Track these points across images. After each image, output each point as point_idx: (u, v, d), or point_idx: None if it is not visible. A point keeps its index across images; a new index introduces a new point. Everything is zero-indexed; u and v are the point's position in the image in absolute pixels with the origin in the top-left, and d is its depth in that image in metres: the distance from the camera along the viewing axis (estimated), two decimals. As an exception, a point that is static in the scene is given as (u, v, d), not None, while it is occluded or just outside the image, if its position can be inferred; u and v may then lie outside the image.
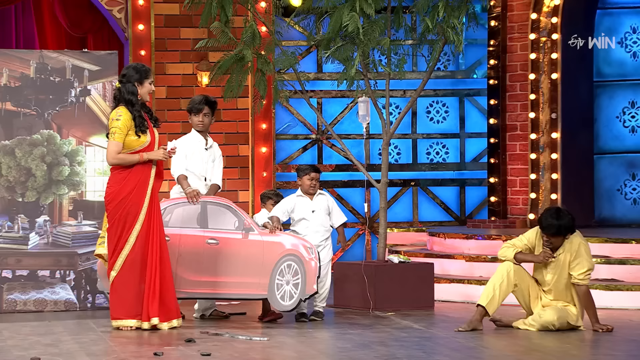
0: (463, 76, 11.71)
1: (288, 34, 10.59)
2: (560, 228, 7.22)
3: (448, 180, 11.71)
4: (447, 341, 6.83)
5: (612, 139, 11.15)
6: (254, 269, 7.42)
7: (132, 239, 7.21)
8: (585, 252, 7.27)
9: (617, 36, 11.07)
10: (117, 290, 7.22)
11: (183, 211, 7.54)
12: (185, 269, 7.45)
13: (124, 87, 7.31)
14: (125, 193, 7.24)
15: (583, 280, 7.22)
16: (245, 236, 7.47)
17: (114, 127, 7.24)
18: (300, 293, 7.38)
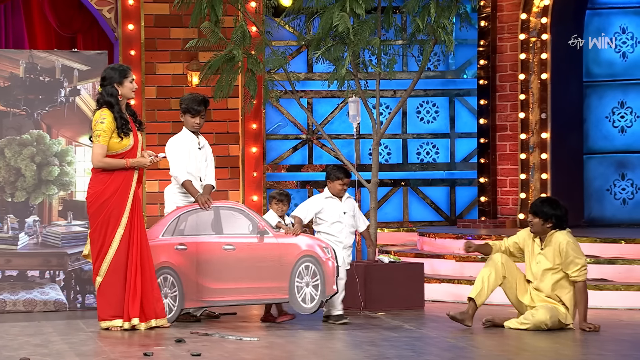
0: (453, 76, 11.72)
1: (278, 34, 10.59)
2: (537, 208, 7.23)
3: (438, 180, 11.72)
4: (437, 341, 6.83)
5: (602, 139, 11.18)
6: (272, 273, 7.35)
7: (115, 243, 7.19)
8: (574, 251, 7.27)
9: (606, 36, 11.09)
10: (104, 293, 7.21)
11: (197, 218, 7.46)
12: (205, 277, 7.36)
13: (104, 90, 7.30)
14: (108, 194, 7.22)
15: (579, 277, 7.24)
16: (261, 240, 7.40)
17: (98, 130, 7.21)
18: (321, 294, 7.31)
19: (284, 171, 11.40)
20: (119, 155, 7.24)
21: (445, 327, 7.42)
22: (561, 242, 7.27)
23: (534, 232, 7.35)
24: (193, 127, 7.80)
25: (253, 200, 10.48)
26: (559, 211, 7.28)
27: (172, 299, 7.37)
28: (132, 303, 7.17)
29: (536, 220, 7.28)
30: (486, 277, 7.29)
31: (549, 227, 7.29)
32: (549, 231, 7.30)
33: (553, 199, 7.44)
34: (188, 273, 7.37)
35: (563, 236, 7.30)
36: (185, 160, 7.71)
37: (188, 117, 7.82)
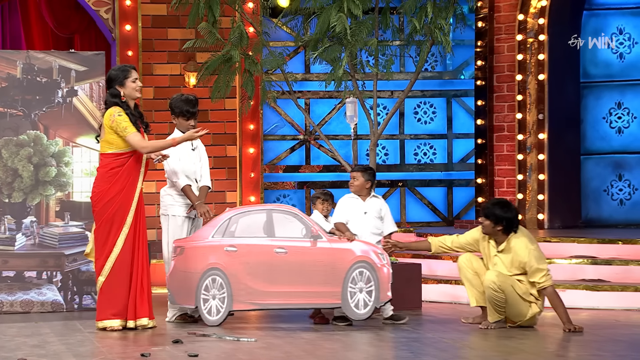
0: (450, 77, 11.73)
1: (276, 34, 10.59)
2: (489, 211, 7.25)
3: (435, 181, 11.73)
4: (435, 342, 6.84)
5: (599, 139, 11.19)
6: (325, 278, 7.28)
7: (120, 242, 7.20)
8: (535, 259, 7.21)
9: (603, 37, 11.10)
10: (105, 293, 7.22)
11: (249, 220, 7.40)
12: (256, 279, 7.30)
13: (108, 92, 7.32)
14: (114, 193, 7.22)
15: (546, 282, 7.23)
16: (314, 244, 7.32)
17: (121, 123, 7.18)
18: (375, 301, 7.25)
19: (282, 172, 11.40)
20: (126, 154, 7.23)
21: (442, 328, 7.43)
22: (521, 253, 7.21)
23: (486, 234, 7.36)
24: (188, 129, 7.77)
25: (250, 201, 10.48)
26: (509, 214, 7.27)
27: (220, 300, 7.31)
28: (141, 303, 7.19)
29: (487, 222, 7.29)
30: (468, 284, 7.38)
31: (500, 230, 7.28)
32: (499, 234, 7.29)
33: (505, 202, 7.42)
34: (238, 275, 7.29)
35: (522, 244, 7.23)
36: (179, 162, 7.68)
37: (182, 119, 7.76)
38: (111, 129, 7.22)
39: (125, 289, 7.21)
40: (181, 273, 7.36)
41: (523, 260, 7.20)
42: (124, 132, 7.17)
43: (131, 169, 7.25)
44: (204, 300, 7.31)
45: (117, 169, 7.23)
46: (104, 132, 7.28)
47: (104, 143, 7.28)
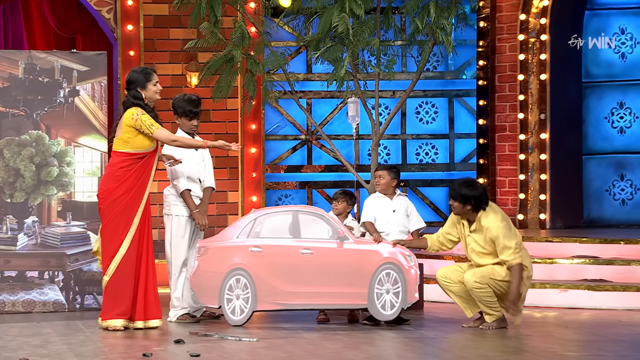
0: (452, 77, 11.73)
1: (277, 34, 10.59)
2: (455, 193, 7.28)
3: (437, 181, 11.73)
4: (437, 341, 6.84)
5: (601, 139, 11.19)
6: (351, 279, 7.27)
7: (126, 243, 7.22)
8: (504, 236, 7.20)
9: (605, 37, 11.10)
10: (110, 293, 7.24)
11: (274, 221, 7.39)
12: (281, 280, 7.30)
13: (129, 94, 7.34)
14: (120, 192, 7.24)
15: (513, 261, 7.21)
16: (340, 245, 7.30)
17: (146, 121, 7.19)
18: (402, 302, 7.25)
19: (283, 172, 11.41)
20: (139, 155, 7.25)
21: (444, 328, 7.44)
22: (491, 229, 7.23)
23: (457, 214, 7.39)
24: (191, 129, 7.79)
25: (252, 201, 10.49)
26: (475, 192, 7.29)
27: (244, 300, 7.31)
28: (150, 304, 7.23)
29: (456, 204, 7.32)
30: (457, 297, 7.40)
31: (469, 209, 7.30)
32: (470, 213, 7.31)
33: (471, 181, 7.46)
34: (262, 275, 7.28)
35: (492, 221, 7.24)
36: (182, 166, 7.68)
37: (185, 119, 7.78)
38: (133, 127, 7.22)
39: (130, 290, 7.22)
40: (205, 273, 7.36)
41: (494, 237, 7.21)
42: (151, 129, 7.20)
43: (142, 171, 7.27)
44: (227, 300, 7.31)
45: (127, 169, 7.24)
46: (121, 130, 7.28)
47: (119, 141, 7.29)
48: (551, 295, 8.63)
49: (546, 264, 8.97)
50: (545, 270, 8.95)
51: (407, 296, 7.25)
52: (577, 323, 7.73)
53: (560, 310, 8.41)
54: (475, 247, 7.29)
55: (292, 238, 7.33)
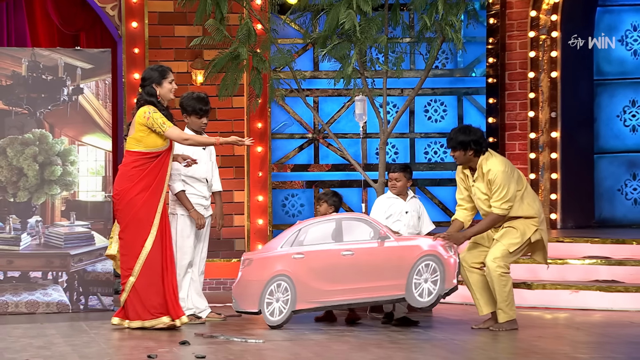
0: (461, 74, 11.72)
1: (284, 31, 10.59)
2: (453, 142, 7.28)
3: (446, 180, 11.72)
4: (445, 343, 6.84)
5: (613, 138, 11.17)
6: (390, 273, 7.26)
7: (149, 242, 7.24)
8: (501, 180, 7.19)
9: (617, 34, 11.09)
10: (140, 293, 7.27)
11: (318, 229, 7.43)
12: (321, 280, 7.31)
13: (143, 90, 7.36)
14: (135, 192, 7.25)
15: (498, 209, 7.21)
16: (381, 244, 7.31)
17: (158, 119, 7.21)
18: (439, 289, 7.21)
19: (290, 171, 11.41)
20: (153, 154, 7.27)
21: (453, 329, 7.44)
22: (490, 172, 7.22)
23: (461, 164, 7.39)
24: (200, 127, 7.81)
25: (258, 201, 10.50)
26: (473, 136, 7.29)
27: (284, 302, 7.33)
28: (177, 302, 7.31)
29: (457, 153, 7.32)
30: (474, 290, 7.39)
31: (471, 155, 7.30)
32: (472, 159, 7.30)
33: (465, 126, 7.46)
34: (303, 278, 7.31)
35: (492, 165, 7.24)
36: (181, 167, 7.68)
37: (194, 118, 7.79)
38: (145, 126, 7.24)
39: (159, 288, 7.26)
40: (248, 282, 7.43)
41: (492, 180, 7.20)
42: (162, 128, 7.22)
43: (157, 170, 7.29)
44: (267, 303, 7.35)
45: (141, 168, 7.26)
46: (134, 129, 7.30)
47: (131, 140, 7.31)
48: (562, 296, 8.62)
49: (557, 264, 8.97)
50: (556, 270, 8.95)
51: (445, 283, 7.21)
52: (588, 324, 7.72)
53: (572, 312, 8.40)
54: (481, 195, 7.29)
55: (334, 243, 7.37)
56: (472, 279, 7.40)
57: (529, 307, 8.49)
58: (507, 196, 7.19)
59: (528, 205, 7.30)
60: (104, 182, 8.64)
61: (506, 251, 7.25)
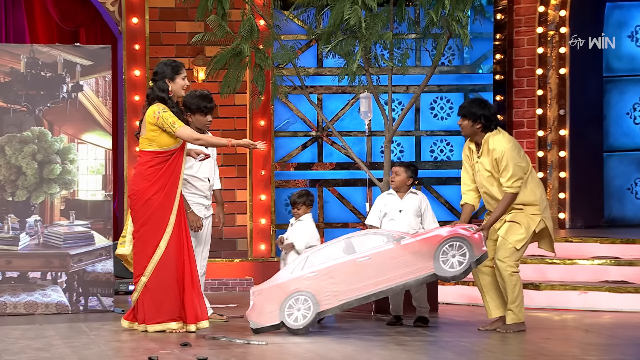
0: (468, 71, 11.71)
1: (287, 27, 10.58)
2: (465, 110, 7.29)
3: (453, 179, 11.71)
4: (452, 345, 6.83)
5: (623, 136, 11.16)
6: (413, 260, 7.19)
7: (163, 243, 7.23)
8: (509, 159, 7.18)
9: (627, 30, 11.07)
10: (151, 294, 7.25)
11: (326, 252, 7.34)
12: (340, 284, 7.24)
13: (155, 85, 7.33)
14: (153, 192, 7.24)
15: (510, 188, 7.20)
16: (398, 244, 7.25)
17: (168, 118, 7.19)
18: (470, 257, 7.15)
19: (293, 169, 11.40)
20: (167, 152, 7.26)
21: (460, 331, 7.42)
22: (497, 150, 7.21)
23: (466, 136, 7.39)
24: (205, 125, 7.82)
25: (261, 200, 10.49)
26: (486, 110, 7.29)
27: (306, 309, 7.25)
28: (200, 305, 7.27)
29: (465, 122, 7.32)
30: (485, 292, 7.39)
31: (479, 129, 7.29)
32: (479, 132, 7.29)
33: (481, 99, 7.47)
34: (322, 288, 7.22)
35: (499, 142, 7.22)
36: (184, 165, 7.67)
37: (199, 116, 7.79)
38: (155, 126, 7.23)
39: (174, 291, 7.24)
40: (262, 305, 7.32)
41: (499, 159, 7.19)
42: (173, 127, 7.20)
43: (172, 169, 7.28)
44: (288, 314, 7.25)
45: (157, 167, 7.25)
46: (145, 129, 7.28)
47: (144, 140, 7.30)
48: (571, 297, 8.61)
49: (566, 264, 8.96)
50: (565, 271, 8.93)
51: (474, 251, 7.15)
52: (597, 326, 7.71)
53: (580, 313, 8.39)
54: (484, 172, 7.28)
55: (347, 255, 7.29)
56: (483, 281, 7.39)
57: (537, 308, 8.47)
58: (517, 174, 7.19)
59: (530, 191, 7.29)
60: (104, 181, 8.64)
61: (513, 249, 7.24)
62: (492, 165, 7.25)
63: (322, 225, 11.42)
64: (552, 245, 7.45)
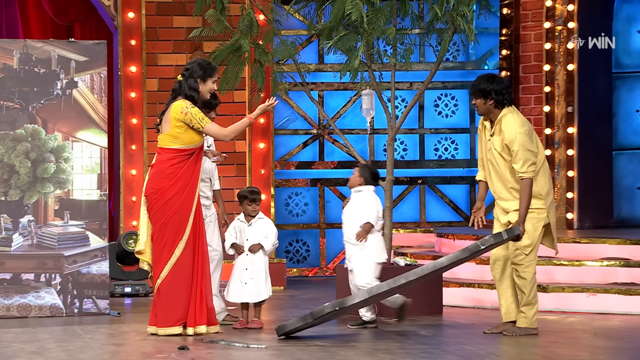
0: (473, 67, 11.71)
1: (287, 22, 10.59)
2: (475, 88, 7.33)
3: (457, 178, 11.71)
4: (457, 349, 6.84)
5: (632, 134, 11.16)
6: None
7: (182, 244, 7.23)
8: (519, 141, 7.18)
9: (637, 25, 11.07)
10: (164, 298, 7.25)
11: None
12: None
13: (185, 82, 7.33)
14: (174, 191, 7.23)
15: (526, 173, 7.21)
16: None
17: (197, 114, 7.19)
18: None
19: (294, 168, 11.41)
20: (189, 151, 7.27)
21: (464, 335, 7.43)
22: (508, 133, 7.22)
23: (481, 114, 7.42)
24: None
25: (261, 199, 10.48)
26: (496, 85, 7.32)
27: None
28: (200, 310, 7.24)
29: (478, 101, 7.36)
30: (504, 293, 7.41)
31: (492, 105, 7.31)
32: (493, 109, 7.31)
33: (490, 75, 7.49)
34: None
35: (510, 125, 7.23)
36: None
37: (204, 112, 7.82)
38: (182, 122, 7.22)
39: (186, 295, 7.23)
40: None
41: (509, 141, 7.21)
42: (202, 123, 7.21)
43: (192, 168, 7.28)
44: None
45: (179, 166, 7.23)
46: (170, 125, 7.26)
47: (167, 137, 7.28)
48: (579, 300, 8.61)
49: (574, 266, 8.96)
50: (573, 273, 8.93)
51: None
52: (606, 329, 7.71)
53: (589, 316, 8.39)
54: (495, 152, 7.30)
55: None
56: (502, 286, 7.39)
57: (545, 311, 8.47)
58: (530, 159, 7.21)
59: (538, 183, 7.30)
60: (99, 180, 8.64)
61: (522, 255, 7.27)
62: (502, 147, 7.27)
63: (324, 226, 11.44)
64: (553, 243, 7.45)
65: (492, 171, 7.38)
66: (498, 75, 7.51)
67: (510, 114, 7.29)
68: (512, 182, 7.29)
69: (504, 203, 7.36)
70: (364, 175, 7.85)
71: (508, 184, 7.31)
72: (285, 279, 10.42)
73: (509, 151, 7.23)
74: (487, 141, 7.38)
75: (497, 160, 7.32)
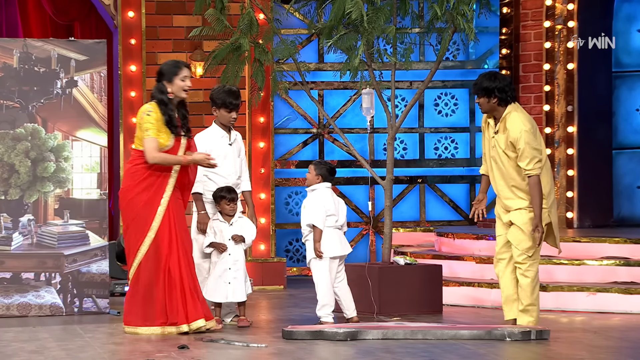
0: (473, 66, 11.71)
1: (287, 21, 10.59)
2: (477, 87, 7.32)
3: (457, 177, 11.72)
4: (457, 348, 6.84)
5: (632, 133, 11.16)
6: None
7: (144, 247, 7.25)
8: (525, 140, 7.17)
9: (637, 24, 11.07)
10: (130, 297, 7.32)
11: None
12: None
13: (155, 87, 7.39)
14: (136, 192, 7.27)
15: (533, 170, 7.21)
16: None
17: (146, 123, 7.25)
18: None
19: (294, 167, 11.41)
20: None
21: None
22: (513, 131, 7.21)
23: (485, 112, 7.41)
24: (230, 122, 7.86)
25: (260, 199, 10.50)
26: (498, 82, 7.30)
27: None
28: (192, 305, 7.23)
29: (482, 100, 7.34)
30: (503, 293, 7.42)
31: (495, 103, 7.30)
32: (497, 107, 7.30)
33: (492, 72, 7.48)
34: None
35: (515, 123, 7.22)
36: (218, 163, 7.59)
37: (224, 111, 7.82)
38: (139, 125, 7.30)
39: (159, 294, 7.23)
40: None
41: (515, 139, 7.20)
42: (144, 133, 7.26)
43: (160, 170, 7.28)
44: None
45: (143, 167, 7.27)
46: (137, 127, 7.36)
47: (136, 138, 7.40)
48: (579, 299, 8.62)
49: (574, 265, 8.96)
50: (573, 272, 8.94)
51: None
52: (606, 328, 7.72)
53: (589, 315, 8.40)
54: (499, 150, 7.29)
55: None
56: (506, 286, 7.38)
57: (545, 310, 8.47)
58: (536, 156, 7.19)
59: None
60: (99, 179, 8.65)
61: (525, 255, 7.27)
62: (507, 145, 7.27)
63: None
64: (556, 242, 7.46)
65: (495, 169, 7.38)
66: (499, 72, 7.48)
67: (515, 111, 7.29)
68: (515, 180, 7.29)
69: (505, 201, 7.36)
70: (320, 172, 7.79)
71: (510, 182, 7.30)
72: (285, 278, 10.42)
73: (514, 149, 7.23)
74: (490, 138, 7.39)
75: (501, 158, 7.32)
